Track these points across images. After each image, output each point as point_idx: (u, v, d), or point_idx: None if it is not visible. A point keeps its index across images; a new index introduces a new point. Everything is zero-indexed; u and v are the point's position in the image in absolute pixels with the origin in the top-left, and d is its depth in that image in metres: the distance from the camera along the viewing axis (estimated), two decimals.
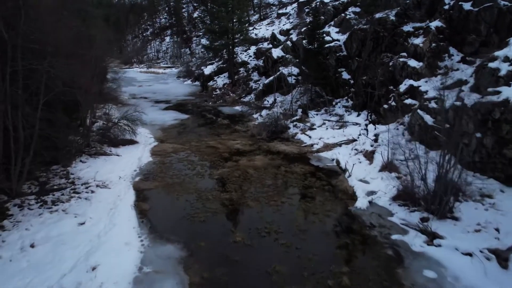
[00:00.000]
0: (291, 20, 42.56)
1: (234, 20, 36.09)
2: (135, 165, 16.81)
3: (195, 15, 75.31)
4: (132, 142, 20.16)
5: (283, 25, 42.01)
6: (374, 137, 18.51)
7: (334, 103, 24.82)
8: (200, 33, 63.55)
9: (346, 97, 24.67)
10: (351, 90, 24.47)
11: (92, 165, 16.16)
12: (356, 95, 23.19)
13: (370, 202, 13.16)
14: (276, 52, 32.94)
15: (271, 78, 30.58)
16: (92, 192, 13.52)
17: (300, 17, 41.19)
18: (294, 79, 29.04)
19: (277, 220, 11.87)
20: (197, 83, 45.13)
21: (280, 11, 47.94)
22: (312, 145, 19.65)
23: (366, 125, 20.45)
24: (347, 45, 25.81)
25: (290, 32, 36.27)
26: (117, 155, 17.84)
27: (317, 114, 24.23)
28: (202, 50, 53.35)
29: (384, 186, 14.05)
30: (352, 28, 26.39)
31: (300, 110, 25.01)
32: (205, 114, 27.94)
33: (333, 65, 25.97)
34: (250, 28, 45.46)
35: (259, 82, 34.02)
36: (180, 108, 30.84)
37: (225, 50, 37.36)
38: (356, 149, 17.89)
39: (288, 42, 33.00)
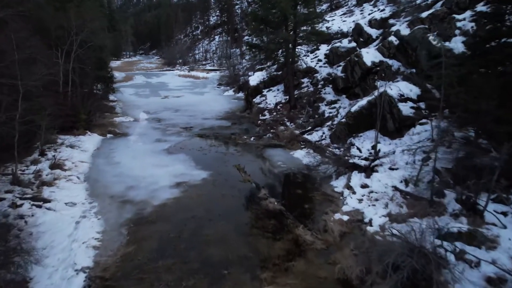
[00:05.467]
0: (380, 8, 27.25)
1: (299, 3, 21.52)
2: None
3: (250, 11, 62.20)
4: None
5: (369, 14, 26.87)
6: None
7: None
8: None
9: None
10: None
11: None
12: None
13: None
14: (370, 55, 18.09)
15: (364, 101, 15.90)
16: None
17: (395, 1, 25.79)
18: (413, 108, 14.27)
19: None
20: (240, 94, 31.62)
21: None
22: None
23: None
24: None
25: (390, 21, 21.10)
26: None
27: (502, 213, 9.19)
28: (253, 49, 38.70)
29: None
30: None
31: (452, 195, 10.08)
32: (238, 173, 13.85)
33: None
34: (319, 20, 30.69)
35: (336, 106, 19.32)
36: (201, 148, 17.31)
37: (280, 51, 22.74)
38: None
39: (392, 38, 18.02)
